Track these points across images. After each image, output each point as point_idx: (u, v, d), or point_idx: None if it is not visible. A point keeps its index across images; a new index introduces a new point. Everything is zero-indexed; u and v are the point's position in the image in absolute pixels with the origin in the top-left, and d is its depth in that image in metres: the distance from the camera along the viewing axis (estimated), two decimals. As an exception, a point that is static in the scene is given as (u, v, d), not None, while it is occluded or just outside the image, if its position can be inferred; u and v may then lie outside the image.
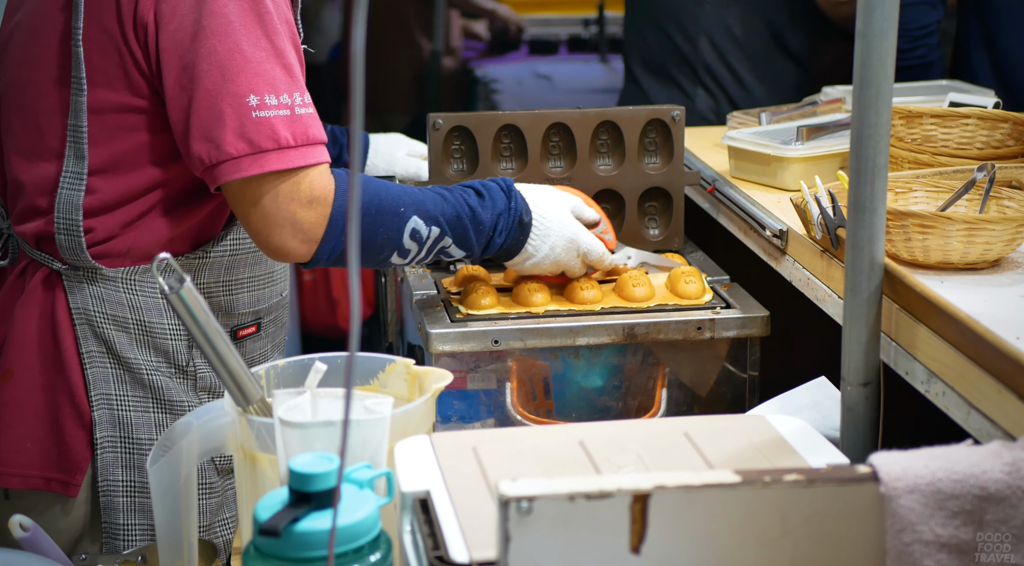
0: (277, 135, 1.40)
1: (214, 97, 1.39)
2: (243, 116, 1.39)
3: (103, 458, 1.53)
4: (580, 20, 4.76)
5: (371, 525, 1.03)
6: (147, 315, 1.54)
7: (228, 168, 1.40)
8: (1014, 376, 1.13)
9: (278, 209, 1.42)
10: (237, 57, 1.39)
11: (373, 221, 1.49)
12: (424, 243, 1.52)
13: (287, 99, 1.41)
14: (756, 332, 1.67)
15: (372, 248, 1.50)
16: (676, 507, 0.94)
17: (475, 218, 1.56)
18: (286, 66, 1.42)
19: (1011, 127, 1.73)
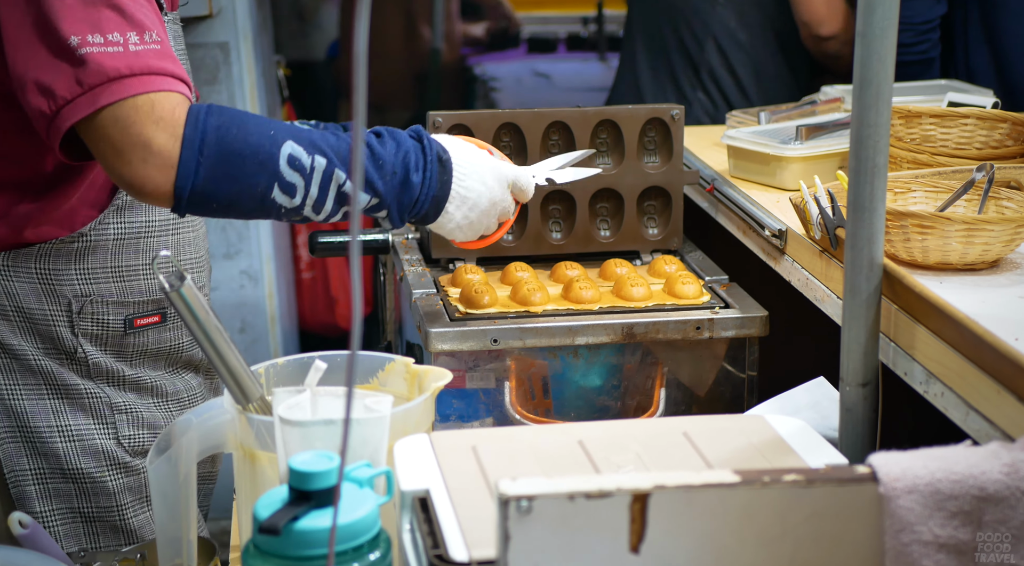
0: (104, 68, 1.33)
1: (37, 49, 1.34)
2: (68, 59, 1.33)
3: (4, 449, 1.53)
4: (579, 18, 4.76)
5: (371, 524, 1.03)
6: (25, 301, 1.52)
7: (65, 114, 1.34)
8: (1013, 377, 1.13)
9: (124, 135, 1.34)
10: (60, 5, 1.34)
11: (237, 140, 1.37)
12: (310, 176, 1.39)
13: (117, 37, 1.35)
14: (755, 332, 1.67)
15: (243, 177, 1.37)
16: (676, 507, 0.95)
17: (373, 152, 1.44)
18: (115, 7, 1.35)
19: (1010, 127, 1.73)
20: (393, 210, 1.46)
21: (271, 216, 1.43)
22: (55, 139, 1.37)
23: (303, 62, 4.12)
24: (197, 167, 1.35)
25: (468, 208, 1.50)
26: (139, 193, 1.37)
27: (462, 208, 1.50)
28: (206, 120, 1.36)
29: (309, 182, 1.39)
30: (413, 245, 1.98)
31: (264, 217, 1.44)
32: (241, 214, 1.42)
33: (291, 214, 1.42)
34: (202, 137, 1.35)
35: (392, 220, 1.48)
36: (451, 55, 4.26)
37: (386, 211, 1.46)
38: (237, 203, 1.39)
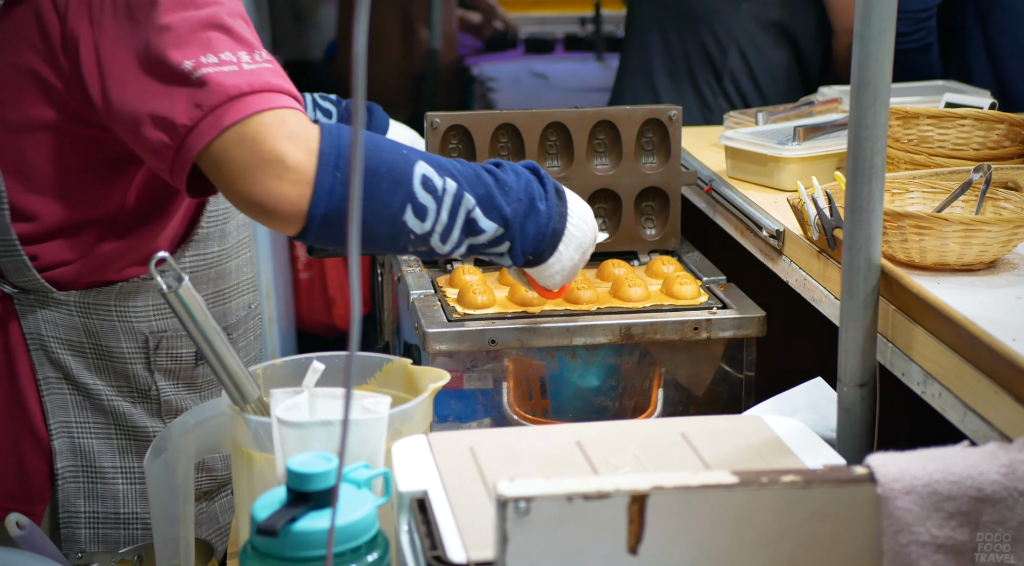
0: (224, 87, 1.26)
1: (147, 82, 1.28)
2: (185, 84, 1.26)
3: (64, 489, 1.48)
4: (576, 19, 4.76)
5: (369, 525, 1.03)
6: (104, 339, 1.47)
7: (190, 142, 1.26)
8: (1010, 378, 1.13)
9: (253, 153, 1.25)
10: (165, 33, 1.28)
11: (372, 157, 1.29)
12: (442, 198, 1.31)
13: (230, 56, 1.28)
14: (752, 332, 1.68)
15: (379, 196, 1.29)
16: (674, 508, 0.95)
17: (497, 179, 1.36)
18: (221, 28, 1.30)
19: (1007, 128, 1.73)
20: (517, 242, 1.38)
21: (398, 244, 1.34)
22: (182, 172, 1.29)
23: (300, 62, 4.12)
24: (334, 183, 1.26)
25: (574, 248, 1.43)
26: (271, 213, 1.27)
27: (570, 247, 1.43)
28: (339, 135, 1.28)
29: (440, 205, 1.32)
30: (411, 246, 1.98)
31: (391, 247, 1.34)
32: (370, 240, 1.32)
33: (418, 242, 1.34)
34: (338, 152, 1.26)
35: (513, 255, 1.40)
36: (449, 56, 4.27)
37: (509, 243, 1.38)
38: (370, 226, 1.30)
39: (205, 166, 1.28)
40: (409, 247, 1.34)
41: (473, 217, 1.34)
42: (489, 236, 1.36)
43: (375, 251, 1.37)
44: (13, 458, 1.47)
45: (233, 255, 1.59)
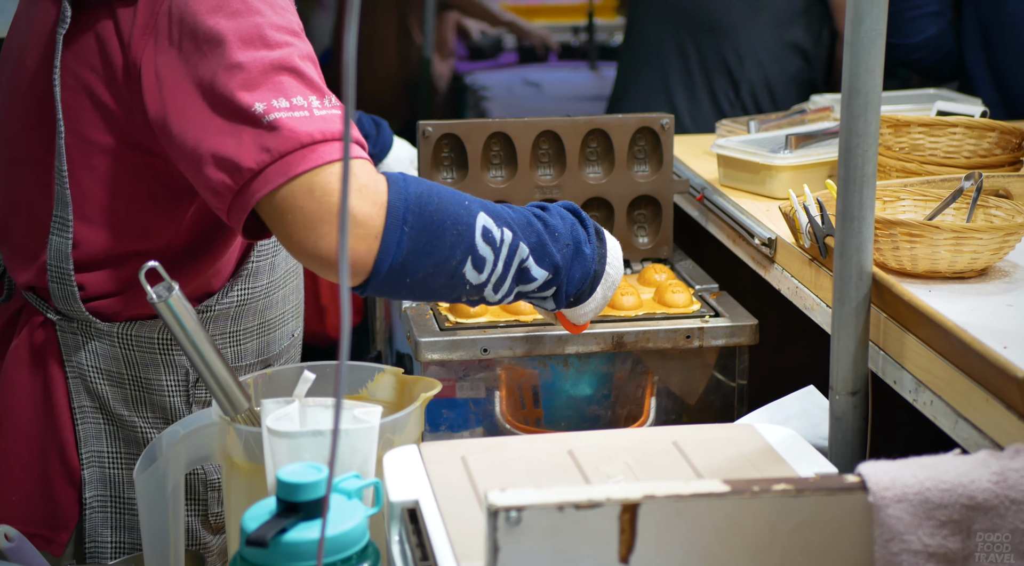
0: (297, 134, 1.22)
1: (212, 120, 1.24)
2: (254, 126, 1.23)
3: (91, 518, 1.46)
4: (570, 28, 4.76)
5: (359, 535, 1.02)
6: (144, 371, 1.44)
7: (255, 186, 1.22)
8: (1001, 385, 1.13)
9: (322, 204, 1.21)
10: (235, 72, 1.24)
11: (438, 210, 1.26)
12: (499, 249, 1.29)
13: (301, 101, 1.24)
14: (745, 341, 1.67)
15: (442, 249, 1.26)
16: (665, 517, 0.94)
17: (547, 224, 1.35)
18: (293, 71, 1.27)
19: (998, 136, 1.74)
20: (563, 287, 1.37)
21: (453, 295, 1.32)
22: (240, 215, 1.25)
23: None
24: (402, 237, 1.23)
25: (608, 287, 1.42)
26: (335, 267, 1.23)
27: (604, 286, 1.42)
28: (406, 188, 1.26)
29: (498, 257, 1.30)
30: (403, 254, 1.98)
31: (445, 297, 1.33)
32: (427, 292, 1.30)
33: (472, 292, 1.32)
34: (406, 205, 1.24)
35: (558, 299, 1.39)
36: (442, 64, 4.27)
37: (556, 288, 1.37)
38: (430, 279, 1.28)
39: (266, 213, 1.25)
40: (463, 297, 1.33)
41: (526, 266, 1.33)
42: (539, 283, 1.36)
43: (428, 300, 1.36)
44: (41, 484, 1.44)
45: (280, 285, 1.55)
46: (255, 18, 1.27)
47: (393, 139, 1.99)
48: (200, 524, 1.49)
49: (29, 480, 1.44)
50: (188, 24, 1.26)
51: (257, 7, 1.28)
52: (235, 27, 1.25)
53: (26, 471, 1.43)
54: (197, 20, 1.26)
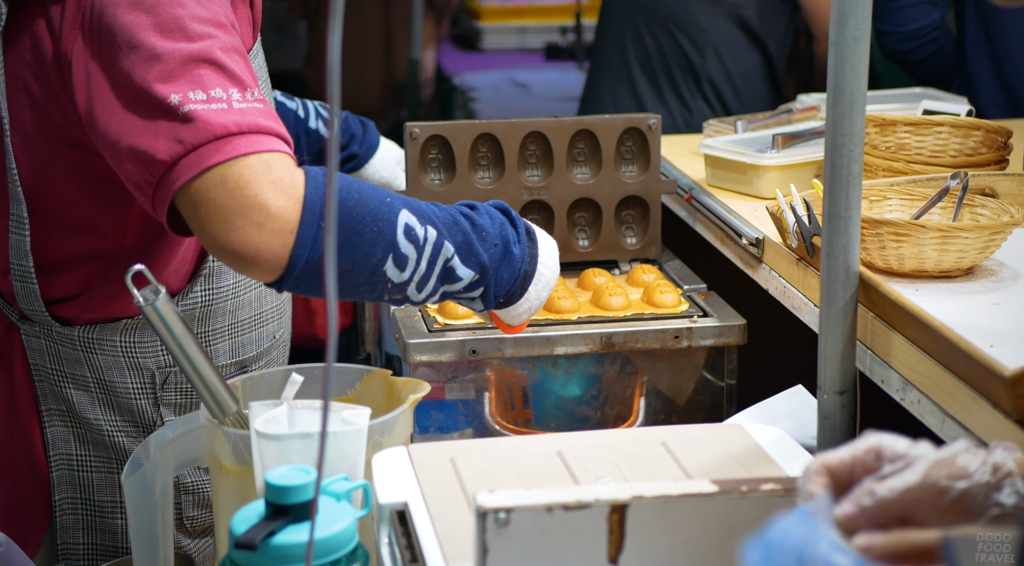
0: (211, 126, 1.20)
1: (128, 115, 1.22)
2: (169, 118, 1.20)
3: (63, 521, 1.45)
4: (557, 28, 4.76)
5: (348, 538, 1.02)
6: (108, 374, 1.43)
7: (170, 178, 1.20)
8: (988, 384, 1.14)
9: (235, 197, 1.19)
10: (153, 64, 1.22)
11: (357, 206, 1.24)
12: (423, 248, 1.28)
13: (220, 93, 1.22)
14: (733, 341, 1.68)
15: (361, 246, 1.24)
16: (654, 517, 0.95)
17: (474, 224, 1.33)
18: (213, 63, 1.24)
19: (984, 135, 1.74)
20: (491, 287, 1.35)
21: (373, 294, 1.30)
22: (162, 209, 1.23)
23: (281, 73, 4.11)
24: (317, 232, 1.21)
25: (542, 287, 1.40)
26: (248, 262, 1.21)
27: (538, 287, 1.40)
28: (324, 182, 1.23)
29: (421, 255, 1.28)
30: (391, 256, 1.97)
31: (367, 295, 1.30)
32: (347, 289, 1.28)
33: (394, 291, 1.30)
34: (323, 200, 1.20)
35: (486, 300, 1.37)
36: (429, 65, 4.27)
37: (483, 289, 1.35)
38: (349, 276, 1.25)
39: (183, 206, 1.23)
40: (385, 296, 1.31)
41: (451, 266, 1.31)
42: (465, 283, 1.34)
43: (350, 298, 1.34)
44: (11, 487, 1.44)
45: (252, 285, 1.53)
46: (176, 10, 1.25)
47: (380, 140, 1.99)
48: (175, 527, 1.48)
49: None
50: (108, 17, 1.25)
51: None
52: (154, 20, 1.24)
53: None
54: (117, 13, 1.24)
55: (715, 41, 2.69)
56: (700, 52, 2.70)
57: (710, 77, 2.71)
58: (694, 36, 2.70)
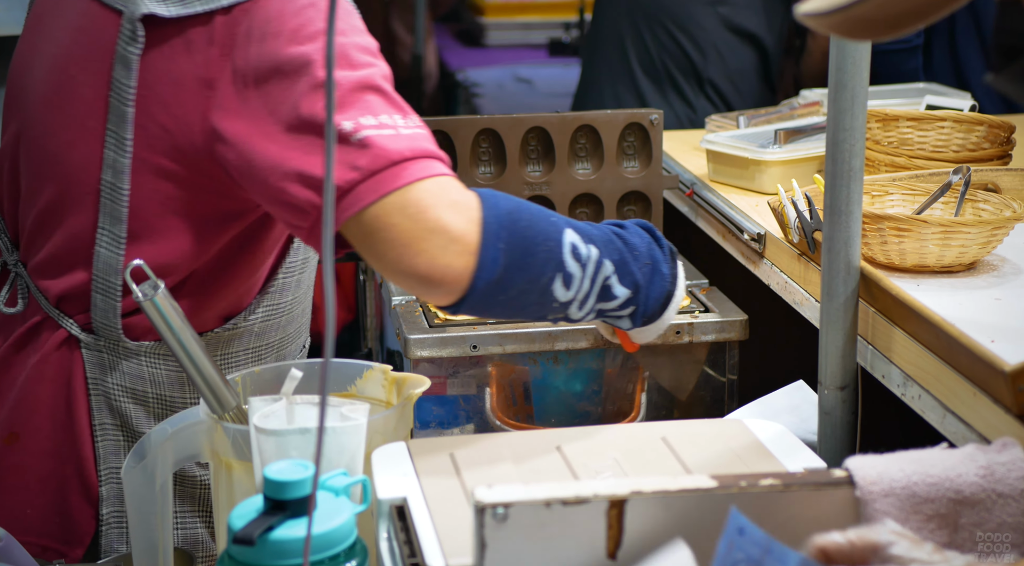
0: (387, 152, 1.19)
1: (296, 142, 1.21)
2: (342, 144, 1.19)
3: (107, 534, 1.43)
4: (560, 24, 4.76)
5: (347, 533, 1.02)
6: (169, 389, 1.41)
7: (344, 204, 1.19)
8: (989, 379, 1.13)
9: (416, 222, 1.19)
10: (321, 93, 1.22)
11: (529, 226, 1.24)
12: (586, 266, 1.27)
13: (387, 120, 1.22)
14: (735, 336, 1.67)
15: (535, 266, 1.24)
16: (653, 512, 0.94)
17: (627, 242, 1.33)
18: (377, 90, 1.25)
19: (986, 130, 1.74)
20: (641, 307, 1.34)
21: (541, 313, 1.30)
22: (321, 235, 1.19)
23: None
24: (497, 254, 1.21)
25: (675, 307, 1.39)
26: (433, 285, 1.21)
27: (673, 307, 1.39)
28: (497, 203, 1.24)
29: (584, 273, 1.28)
30: (393, 252, 1.97)
31: (533, 315, 1.30)
32: (518, 310, 1.28)
33: (558, 310, 1.30)
34: (499, 221, 1.22)
35: (634, 318, 1.36)
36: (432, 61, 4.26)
37: (634, 307, 1.35)
38: (523, 297, 1.26)
39: (353, 232, 1.21)
40: (549, 315, 1.31)
41: (609, 283, 1.31)
42: (619, 302, 1.33)
43: (515, 318, 1.35)
44: (58, 499, 1.41)
45: (302, 299, 1.53)
46: (337, 38, 1.24)
47: None
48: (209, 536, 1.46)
49: (45, 495, 1.41)
50: (268, 49, 1.24)
51: (339, 28, 1.26)
52: (318, 48, 1.23)
53: (42, 485, 1.40)
54: (279, 45, 1.23)
55: (716, 40, 2.70)
56: (701, 51, 2.70)
57: (711, 76, 2.71)
58: (694, 34, 2.70)
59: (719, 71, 2.71)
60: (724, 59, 2.71)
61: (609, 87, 2.82)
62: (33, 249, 1.41)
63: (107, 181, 1.32)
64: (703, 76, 2.71)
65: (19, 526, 1.39)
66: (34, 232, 1.41)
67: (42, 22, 1.42)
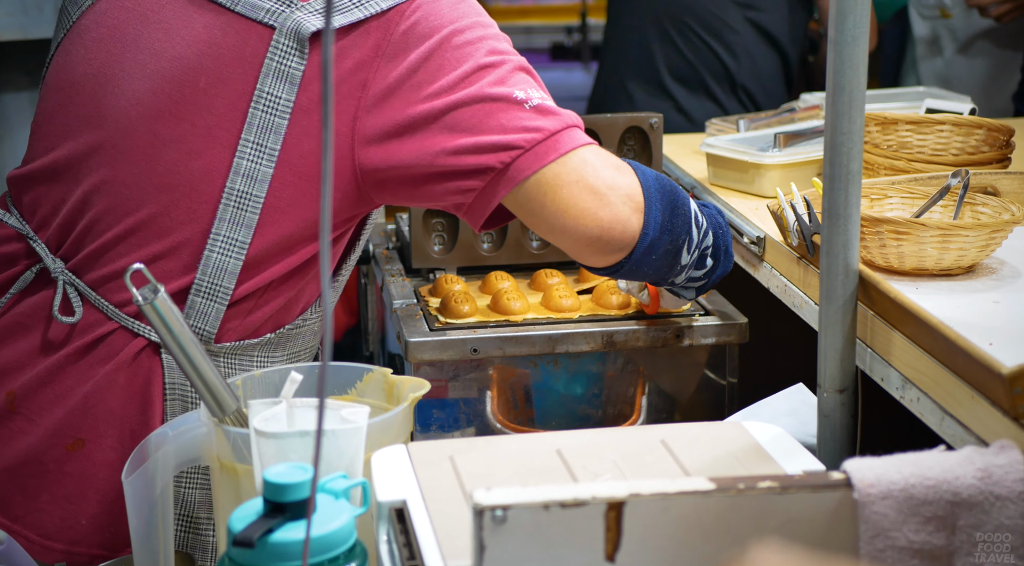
0: (561, 117, 1.31)
1: (467, 110, 1.29)
2: (518, 110, 1.29)
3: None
4: (563, 28, 4.76)
5: (346, 535, 1.02)
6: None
7: (522, 164, 1.27)
8: (986, 382, 1.13)
9: (598, 179, 1.29)
10: (485, 73, 1.31)
11: (672, 192, 1.36)
12: (700, 233, 1.40)
13: (543, 95, 1.33)
14: (735, 339, 1.68)
15: (677, 228, 1.36)
16: (651, 515, 0.95)
17: (716, 222, 1.46)
18: (529, 72, 1.36)
19: (986, 133, 1.74)
20: (710, 281, 1.48)
21: (667, 276, 1.41)
22: (493, 198, 1.30)
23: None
24: (657, 214, 1.32)
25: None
26: (612, 238, 1.31)
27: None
28: (645, 170, 1.36)
29: (698, 242, 1.39)
30: (394, 255, 1.98)
31: (664, 276, 1.41)
32: (656, 271, 1.38)
33: (675, 274, 1.41)
34: (652, 185, 1.33)
35: (699, 290, 1.50)
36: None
37: (705, 282, 1.48)
38: (665, 257, 1.36)
39: (531, 192, 1.29)
40: (668, 278, 1.41)
41: (706, 253, 1.42)
42: (703, 272, 1.45)
43: (645, 279, 1.44)
44: (115, 509, 1.39)
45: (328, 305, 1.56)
46: (492, 29, 1.36)
47: None
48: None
49: (103, 505, 1.40)
50: (427, 47, 1.31)
51: (490, 22, 1.37)
52: (475, 38, 1.33)
53: (101, 495, 1.39)
54: (440, 39, 1.31)
55: (747, 44, 2.72)
56: (734, 55, 2.72)
57: (743, 80, 2.73)
58: (727, 40, 2.71)
59: (750, 74, 2.73)
60: (755, 62, 2.73)
61: (638, 91, 2.80)
62: (104, 260, 1.38)
63: (237, 189, 1.33)
64: (736, 80, 2.73)
65: (69, 535, 1.38)
66: (114, 243, 1.37)
67: (123, 34, 1.38)
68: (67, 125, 1.41)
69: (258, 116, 1.32)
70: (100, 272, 1.38)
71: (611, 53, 2.91)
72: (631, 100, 2.80)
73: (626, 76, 2.83)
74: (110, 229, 1.37)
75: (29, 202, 1.44)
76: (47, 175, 1.42)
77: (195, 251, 1.35)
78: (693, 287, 1.48)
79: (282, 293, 1.41)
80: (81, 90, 1.40)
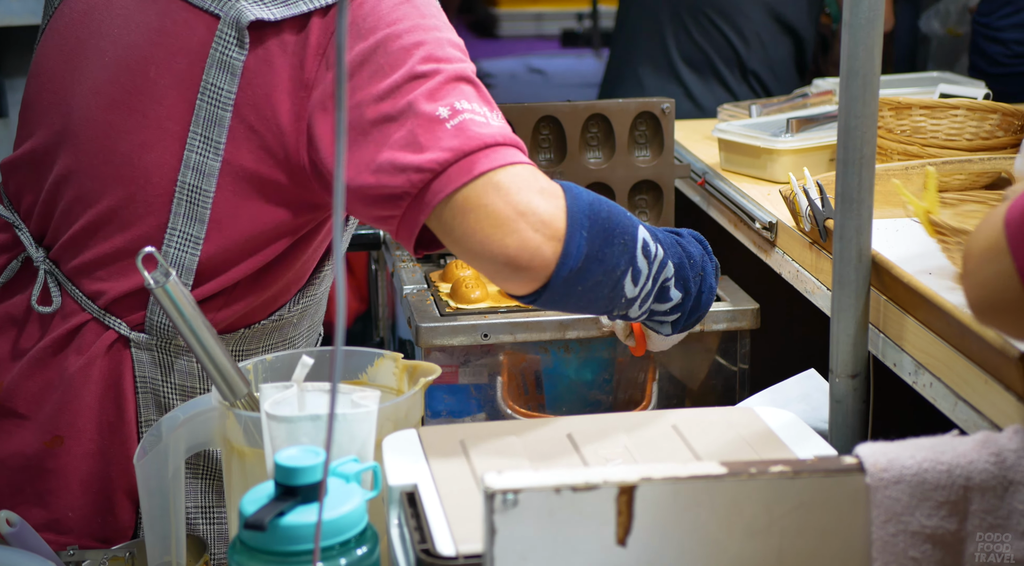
0: (481, 135, 1.21)
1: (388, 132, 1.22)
2: (439, 129, 1.21)
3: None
4: (574, 14, 4.75)
5: (357, 519, 1.03)
6: (203, 383, 1.41)
7: (436, 187, 1.20)
8: (1000, 367, 1.13)
9: (509, 202, 1.20)
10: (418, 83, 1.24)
11: (608, 219, 1.25)
12: (652, 264, 1.28)
13: (479, 109, 1.24)
14: (746, 325, 1.67)
15: (611, 258, 1.25)
16: (662, 499, 0.94)
17: (684, 249, 1.33)
18: (471, 83, 1.27)
19: (1000, 118, 1.73)
20: (685, 314, 1.35)
21: (608, 308, 1.30)
22: (414, 222, 1.23)
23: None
24: (581, 242, 1.22)
25: (698, 321, 1.39)
26: (520, 268, 1.21)
27: (698, 321, 1.40)
28: (579, 195, 1.25)
29: (650, 272, 1.28)
30: (405, 241, 1.98)
31: (603, 309, 1.30)
32: (589, 303, 1.28)
33: (623, 307, 1.30)
34: (582, 211, 1.23)
35: (676, 325, 1.37)
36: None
37: (679, 314, 1.35)
38: (597, 288, 1.26)
39: (445, 216, 1.22)
40: (614, 311, 1.31)
41: (667, 285, 1.31)
42: (670, 306, 1.34)
43: (583, 312, 1.34)
44: (101, 499, 1.40)
45: (326, 291, 1.54)
46: (435, 33, 1.28)
47: None
48: None
49: (88, 495, 1.40)
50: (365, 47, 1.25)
51: (436, 24, 1.29)
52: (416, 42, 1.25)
53: (85, 487, 1.40)
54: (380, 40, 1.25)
55: (759, 30, 2.71)
56: (745, 41, 2.71)
57: (754, 66, 2.72)
58: (740, 25, 2.71)
59: (761, 60, 2.72)
60: (766, 48, 2.72)
61: (648, 76, 2.79)
62: (76, 250, 1.38)
63: (188, 183, 1.31)
64: (747, 66, 2.72)
65: (59, 527, 1.38)
66: (83, 234, 1.37)
67: (91, 20, 1.38)
68: (42, 112, 1.40)
69: (204, 108, 1.29)
70: (75, 263, 1.38)
71: (622, 39, 2.90)
72: (641, 86, 2.79)
73: (637, 62, 2.82)
74: (78, 219, 1.37)
75: (15, 190, 1.44)
76: (27, 163, 1.41)
77: (156, 246, 1.33)
78: (667, 321, 1.36)
79: (253, 292, 1.39)
80: (53, 77, 1.39)
